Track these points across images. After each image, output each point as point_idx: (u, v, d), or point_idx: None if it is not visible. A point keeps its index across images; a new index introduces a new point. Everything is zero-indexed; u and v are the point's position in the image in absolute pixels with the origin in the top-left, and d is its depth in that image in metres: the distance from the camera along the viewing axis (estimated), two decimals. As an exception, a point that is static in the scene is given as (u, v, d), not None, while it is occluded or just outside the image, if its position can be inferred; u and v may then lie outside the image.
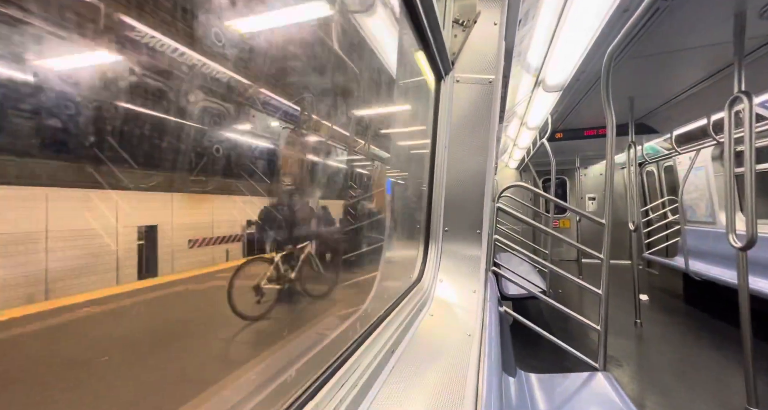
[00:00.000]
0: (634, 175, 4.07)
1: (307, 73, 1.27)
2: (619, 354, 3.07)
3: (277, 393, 0.63)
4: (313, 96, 1.32)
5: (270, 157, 1.16)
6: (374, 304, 1.14)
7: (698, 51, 2.68)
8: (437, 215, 1.37)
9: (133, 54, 0.71)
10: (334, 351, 0.79)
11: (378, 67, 1.40)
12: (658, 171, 5.94)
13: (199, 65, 0.89)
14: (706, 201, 4.56)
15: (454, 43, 1.32)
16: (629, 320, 3.80)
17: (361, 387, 0.65)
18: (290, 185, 1.24)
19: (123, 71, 0.69)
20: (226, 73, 0.96)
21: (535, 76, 3.23)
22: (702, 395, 2.45)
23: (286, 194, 1.23)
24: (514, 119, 4.94)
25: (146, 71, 0.75)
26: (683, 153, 4.78)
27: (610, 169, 2.03)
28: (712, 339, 3.39)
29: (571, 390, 1.78)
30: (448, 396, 0.76)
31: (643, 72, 3.09)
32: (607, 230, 1.96)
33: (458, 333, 1.09)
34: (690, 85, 3.34)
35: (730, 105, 2.16)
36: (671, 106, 3.92)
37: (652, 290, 5.18)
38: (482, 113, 1.37)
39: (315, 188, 1.32)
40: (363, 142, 1.57)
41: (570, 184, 8.16)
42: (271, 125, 1.21)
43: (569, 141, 5.25)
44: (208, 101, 0.95)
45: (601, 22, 2.12)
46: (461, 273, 1.33)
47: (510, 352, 1.94)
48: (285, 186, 1.22)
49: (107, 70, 0.65)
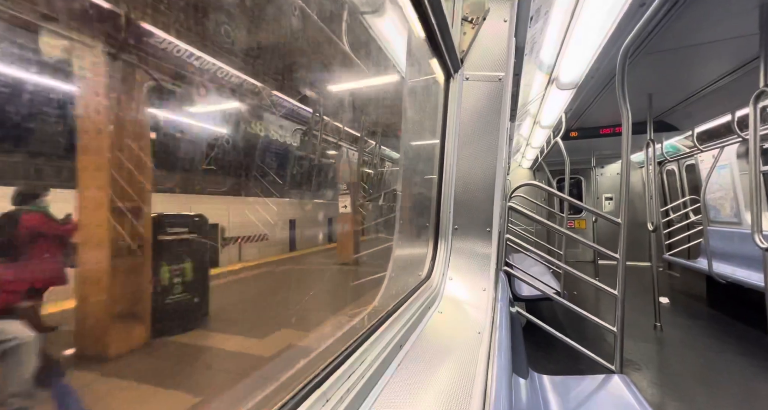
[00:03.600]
0: (653, 174, 3.95)
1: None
2: (638, 357, 2.98)
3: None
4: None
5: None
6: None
7: (720, 45, 2.58)
8: (447, 213, 1.37)
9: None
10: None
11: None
12: (679, 170, 5.75)
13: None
14: (730, 201, 4.38)
15: (464, 40, 1.32)
16: (649, 323, 3.68)
17: (368, 378, 0.66)
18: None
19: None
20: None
21: (548, 73, 3.18)
22: (726, 402, 2.35)
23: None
24: (527, 117, 4.87)
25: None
26: (706, 151, 4.61)
27: (625, 167, 1.98)
28: (738, 344, 3.25)
29: (585, 392, 1.74)
30: (457, 393, 0.76)
31: (661, 68, 3.00)
32: (623, 229, 1.91)
33: (468, 331, 1.08)
34: (712, 81, 3.23)
35: (755, 100, 2.08)
36: (692, 102, 3.79)
37: (674, 293, 5.00)
38: (492, 111, 1.36)
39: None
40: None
41: (585, 184, 7.97)
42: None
43: (584, 140, 5.13)
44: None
45: (617, 17, 2.07)
46: (471, 271, 1.32)
47: (522, 353, 1.91)
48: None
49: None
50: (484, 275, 1.31)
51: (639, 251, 6.38)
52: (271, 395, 0.75)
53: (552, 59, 2.83)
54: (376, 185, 7.34)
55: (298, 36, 1.47)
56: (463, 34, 1.32)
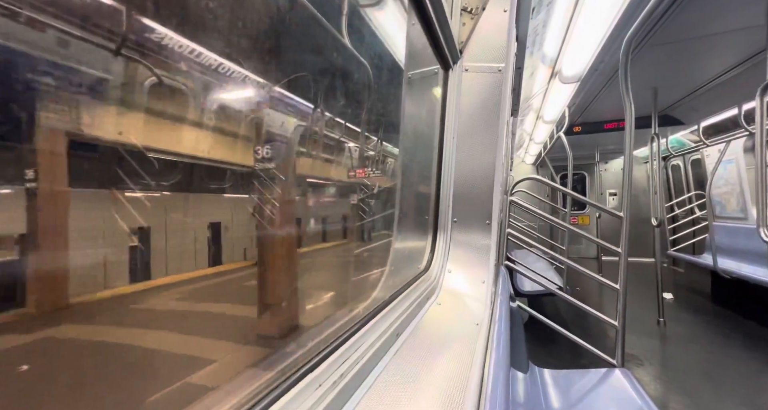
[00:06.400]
0: (657, 169, 3.91)
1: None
2: (640, 352, 2.97)
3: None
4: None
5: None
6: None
7: (726, 36, 2.54)
8: (446, 206, 1.36)
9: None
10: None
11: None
12: (684, 165, 5.68)
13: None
14: (736, 196, 4.32)
15: (463, 31, 1.31)
16: (652, 318, 3.66)
17: (363, 364, 0.66)
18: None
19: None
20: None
21: (551, 67, 3.15)
22: (729, 396, 2.33)
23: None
24: (530, 112, 4.83)
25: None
26: (712, 145, 4.55)
27: (628, 161, 1.96)
28: (742, 340, 3.22)
29: (587, 386, 1.73)
30: (453, 381, 0.76)
31: (666, 61, 2.96)
32: (625, 222, 1.90)
33: (466, 322, 1.08)
34: (718, 74, 3.17)
35: (762, 93, 2.04)
36: (697, 96, 3.73)
37: (678, 289, 4.97)
38: (492, 102, 1.35)
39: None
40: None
41: (589, 180, 7.91)
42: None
43: (588, 135, 5.09)
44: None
45: (620, 8, 2.04)
46: (470, 263, 1.32)
47: (522, 347, 1.91)
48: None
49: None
50: (483, 267, 1.30)
51: (643, 248, 6.32)
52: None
53: (555, 52, 2.80)
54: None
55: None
56: (462, 25, 1.31)
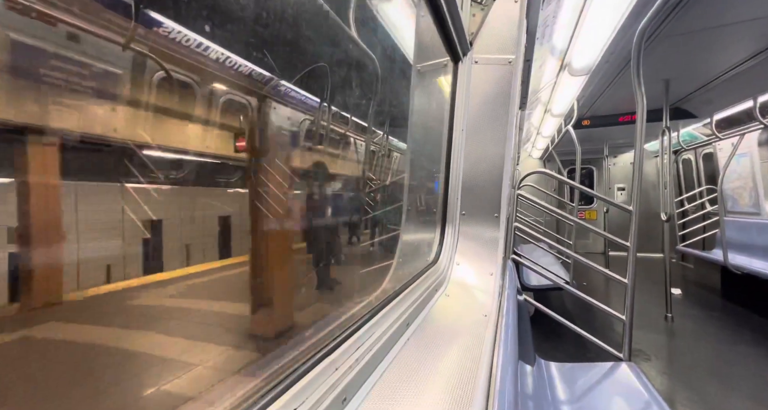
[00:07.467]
0: (668, 162, 3.85)
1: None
2: (647, 347, 2.96)
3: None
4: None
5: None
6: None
7: (742, 27, 2.47)
8: (454, 199, 1.37)
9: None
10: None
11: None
12: (695, 159, 5.58)
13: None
14: (749, 190, 4.25)
15: (473, 22, 1.30)
16: (660, 314, 3.64)
17: (377, 350, 0.68)
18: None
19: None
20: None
21: (560, 59, 3.10)
22: (737, 392, 2.32)
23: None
24: (538, 105, 4.78)
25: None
26: (725, 139, 4.46)
27: (639, 155, 1.94)
28: (752, 336, 3.19)
29: (593, 379, 1.74)
30: (463, 371, 0.78)
31: (679, 52, 2.89)
32: (634, 216, 1.88)
33: (474, 313, 1.09)
34: (733, 65, 3.10)
35: None
36: (711, 88, 3.65)
37: (686, 284, 4.92)
38: (502, 95, 1.34)
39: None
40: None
41: (597, 174, 7.81)
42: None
43: (597, 128, 5.01)
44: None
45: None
46: (479, 256, 1.33)
47: (529, 340, 1.92)
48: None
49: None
50: (492, 260, 1.31)
51: (652, 243, 6.26)
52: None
53: (564, 44, 2.76)
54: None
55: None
56: (473, 16, 1.30)
